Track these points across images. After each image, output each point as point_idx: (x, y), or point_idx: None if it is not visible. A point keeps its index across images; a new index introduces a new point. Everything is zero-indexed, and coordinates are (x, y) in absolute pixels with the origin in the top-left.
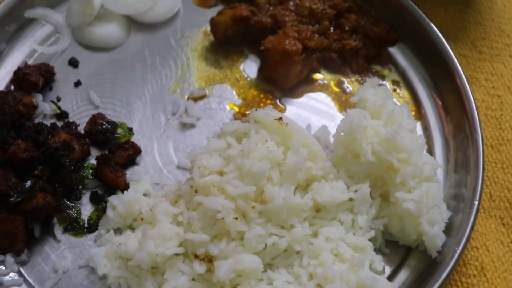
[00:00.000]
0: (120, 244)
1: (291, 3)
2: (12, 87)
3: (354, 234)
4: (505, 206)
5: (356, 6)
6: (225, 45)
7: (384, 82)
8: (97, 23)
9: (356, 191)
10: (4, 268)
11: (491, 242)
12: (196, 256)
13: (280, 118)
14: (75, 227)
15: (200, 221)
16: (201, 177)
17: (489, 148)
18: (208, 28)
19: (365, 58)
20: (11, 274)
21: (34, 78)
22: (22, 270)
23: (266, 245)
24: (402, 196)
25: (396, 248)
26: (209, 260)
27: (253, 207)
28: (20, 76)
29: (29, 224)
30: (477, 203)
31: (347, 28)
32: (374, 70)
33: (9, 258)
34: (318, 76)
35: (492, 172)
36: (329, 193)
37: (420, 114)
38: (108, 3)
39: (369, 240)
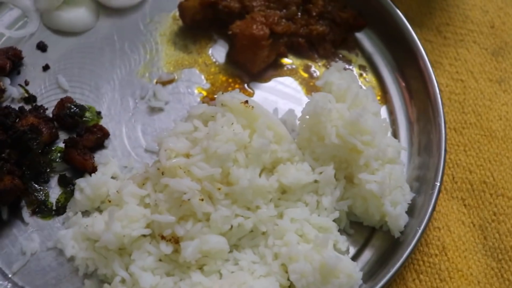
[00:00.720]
0: (87, 225)
1: None
2: None
3: (318, 215)
4: (467, 187)
5: None
6: (194, 30)
7: (350, 67)
8: (65, 7)
9: (320, 173)
10: None
11: (453, 222)
12: (163, 237)
13: (246, 101)
14: (43, 210)
15: (166, 203)
16: (167, 159)
17: (452, 131)
18: (177, 13)
19: (332, 43)
20: None
21: (1, 62)
22: None
23: (232, 226)
24: (366, 178)
25: (361, 228)
26: (175, 241)
27: (219, 189)
28: None
29: None
30: (438, 184)
31: (314, 14)
32: (341, 55)
33: None
34: (286, 60)
35: (454, 154)
36: (294, 175)
37: (385, 98)
38: None
39: (334, 221)
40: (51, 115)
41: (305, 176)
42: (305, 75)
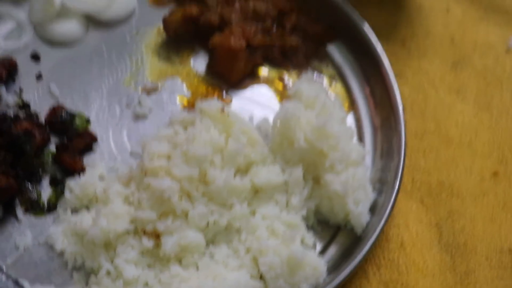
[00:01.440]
0: (76, 222)
1: (237, 4)
2: None
3: (288, 213)
4: (425, 188)
5: (296, 7)
6: (177, 42)
7: (321, 77)
8: (57, 20)
9: (290, 174)
10: None
11: (411, 220)
12: (145, 232)
13: (223, 109)
14: (36, 208)
15: (148, 201)
16: (150, 160)
17: (413, 138)
18: (161, 26)
19: (304, 55)
20: None
21: None
22: None
23: (208, 222)
24: (331, 179)
25: (327, 226)
26: (156, 236)
27: (197, 188)
28: None
29: None
30: (398, 185)
31: (288, 27)
32: (312, 66)
33: None
34: (262, 71)
35: (415, 159)
36: (266, 176)
37: (353, 106)
38: (68, 1)
39: (302, 218)
40: (43, 121)
41: (276, 177)
42: (280, 84)
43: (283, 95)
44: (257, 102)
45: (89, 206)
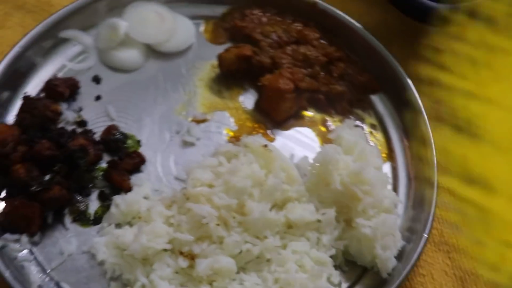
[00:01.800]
0: (118, 236)
1: (289, 48)
2: (42, 95)
3: (317, 250)
4: (452, 242)
5: (345, 56)
6: (229, 78)
7: (362, 125)
8: (120, 48)
9: (323, 214)
10: (19, 245)
11: (437, 271)
12: (181, 253)
13: (266, 145)
14: (83, 219)
15: (188, 224)
16: (193, 187)
17: (446, 192)
18: (216, 62)
19: (348, 102)
20: (24, 251)
21: (61, 89)
22: (33, 249)
23: (241, 250)
24: (362, 222)
25: (354, 267)
26: (191, 257)
27: (234, 217)
28: (50, 86)
29: (44, 211)
30: (425, 236)
31: (335, 74)
32: (355, 113)
33: (24, 238)
34: (306, 113)
35: (445, 212)
36: (300, 213)
37: (391, 156)
38: (132, 32)
39: (331, 257)
40: (98, 139)
41: (310, 215)
42: (322, 127)
43: (324, 138)
44: (299, 142)
45: (132, 222)
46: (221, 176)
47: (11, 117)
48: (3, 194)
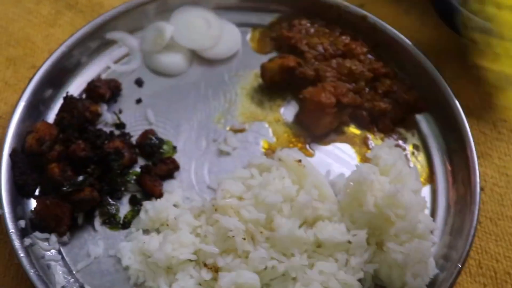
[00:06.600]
0: (145, 242)
1: (334, 61)
2: (84, 95)
3: (345, 273)
4: (490, 274)
5: (392, 73)
6: (271, 88)
7: (404, 145)
8: (165, 52)
9: (354, 235)
10: (48, 244)
11: None
12: (205, 265)
13: (300, 160)
14: (112, 222)
15: (214, 236)
16: (222, 198)
17: (487, 220)
18: (259, 72)
19: (391, 120)
20: (52, 251)
21: (103, 91)
22: (61, 249)
23: (266, 266)
24: (393, 247)
25: None
26: (215, 270)
27: (261, 232)
28: (92, 87)
29: (74, 212)
30: (460, 266)
31: (380, 91)
32: (398, 132)
33: (53, 237)
34: (347, 129)
35: (485, 242)
36: (330, 233)
37: (431, 178)
38: (178, 36)
39: (359, 281)
40: (134, 142)
41: (340, 236)
42: (362, 145)
43: (364, 156)
44: (337, 158)
45: (160, 229)
46: (252, 189)
47: (52, 116)
48: (37, 192)
